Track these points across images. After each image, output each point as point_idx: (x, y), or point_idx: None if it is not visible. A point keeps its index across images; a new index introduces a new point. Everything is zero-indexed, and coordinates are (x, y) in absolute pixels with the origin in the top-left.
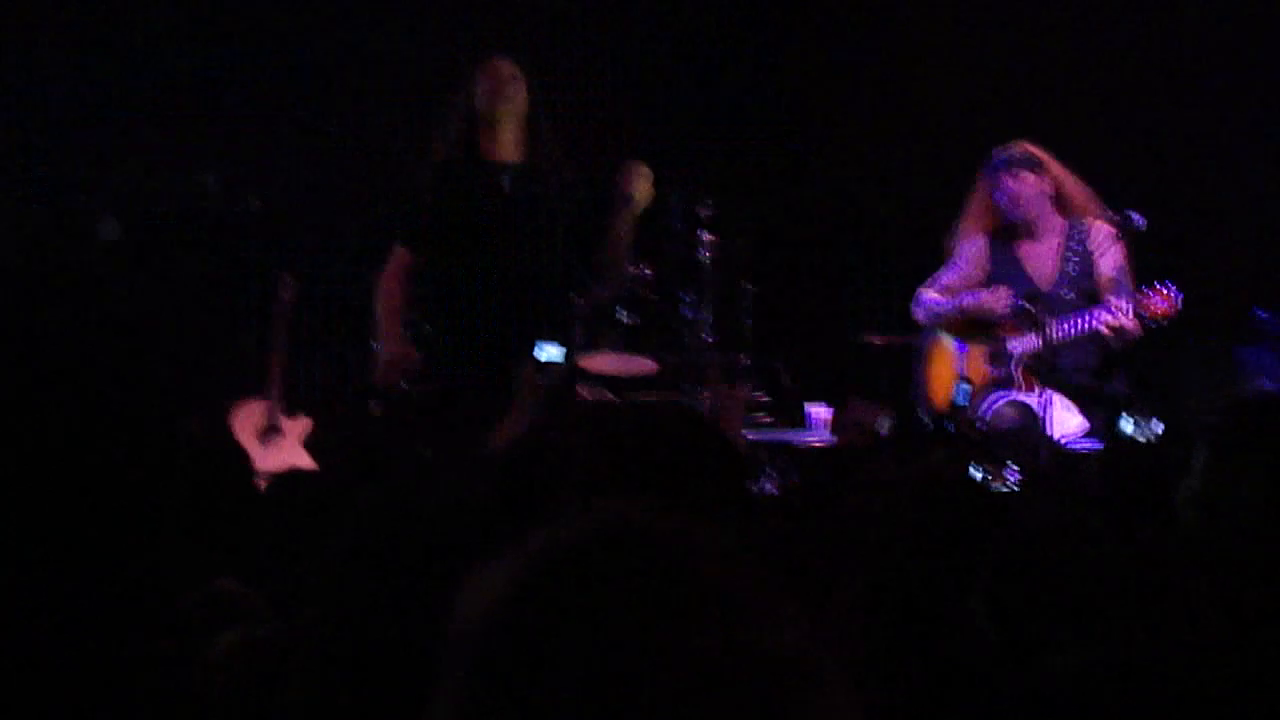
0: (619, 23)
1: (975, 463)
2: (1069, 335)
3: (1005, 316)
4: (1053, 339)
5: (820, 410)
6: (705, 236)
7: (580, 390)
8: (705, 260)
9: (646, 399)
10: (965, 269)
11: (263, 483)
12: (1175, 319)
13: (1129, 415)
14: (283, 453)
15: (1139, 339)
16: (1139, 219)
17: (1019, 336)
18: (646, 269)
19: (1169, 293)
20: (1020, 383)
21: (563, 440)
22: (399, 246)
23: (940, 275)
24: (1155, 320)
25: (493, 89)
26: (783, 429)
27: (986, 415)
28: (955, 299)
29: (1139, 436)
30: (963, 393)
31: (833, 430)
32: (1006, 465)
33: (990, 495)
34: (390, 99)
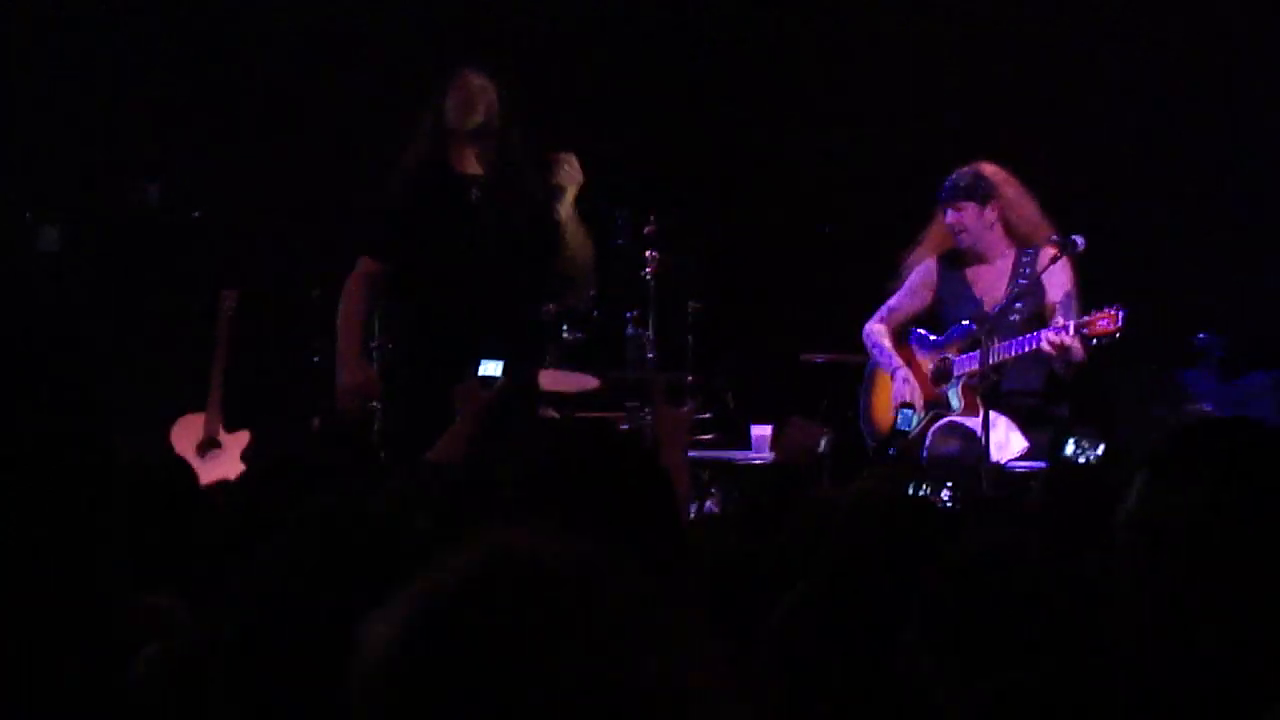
0: (563, 37)
1: (913, 483)
2: (1009, 355)
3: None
4: (992, 360)
5: (761, 429)
6: (649, 254)
7: (535, 407)
8: (649, 278)
9: (580, 417)
10: (912, 293)
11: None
12: (1118, 338)
13: (1071, 437)
14: (222, 466)
15: (1084, 364)
16: (1079, 240)
17: (965, 355)
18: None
19: (1112, 312)
20: (963, 402)
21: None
22: (363, 258)
23: (889, 300)
24: (1097, 338)
25: (462, 102)
26: (725, 448)
27: (928, 439)
28: (886, 358)
29: (1080, 459)
30: (905, 419)
31: (772, 448)
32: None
33: (926, 516)
34: (337, 111)
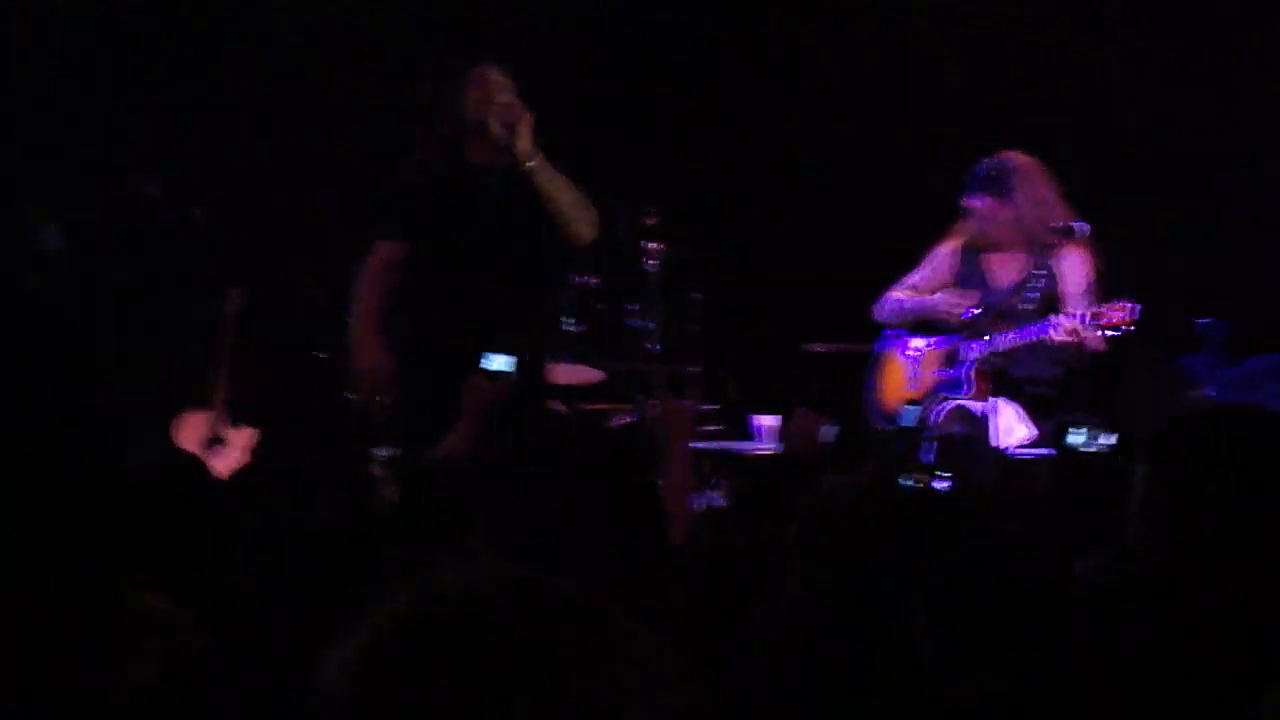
0: (562, 31)
1: (910, 473)
2: (1017, 342)
3: (958, 322)
4: (999, 347)
5: (766, 420)
6: (651, 245)
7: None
8: (651, 269)
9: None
10: (933, 271)
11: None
12: (1131, 330)
13: (1078, 427)
14: (227, 464)
15: (1099, 353)
16: (1082, 227)
17: (974, 340)
18: (592, 278)
19: (1126, 304)
20: (973, 386)
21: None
22: (381, 243)
23: (910, 275)
24: (1111, 329)
25: (483, 96)
26: (730, 439)
27: (934, 421)
28: (919, 300)
29: (1088, 449)
30: (909, 415)
31: (778, 439)
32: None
33: (926, 507)
34: (339, 108)
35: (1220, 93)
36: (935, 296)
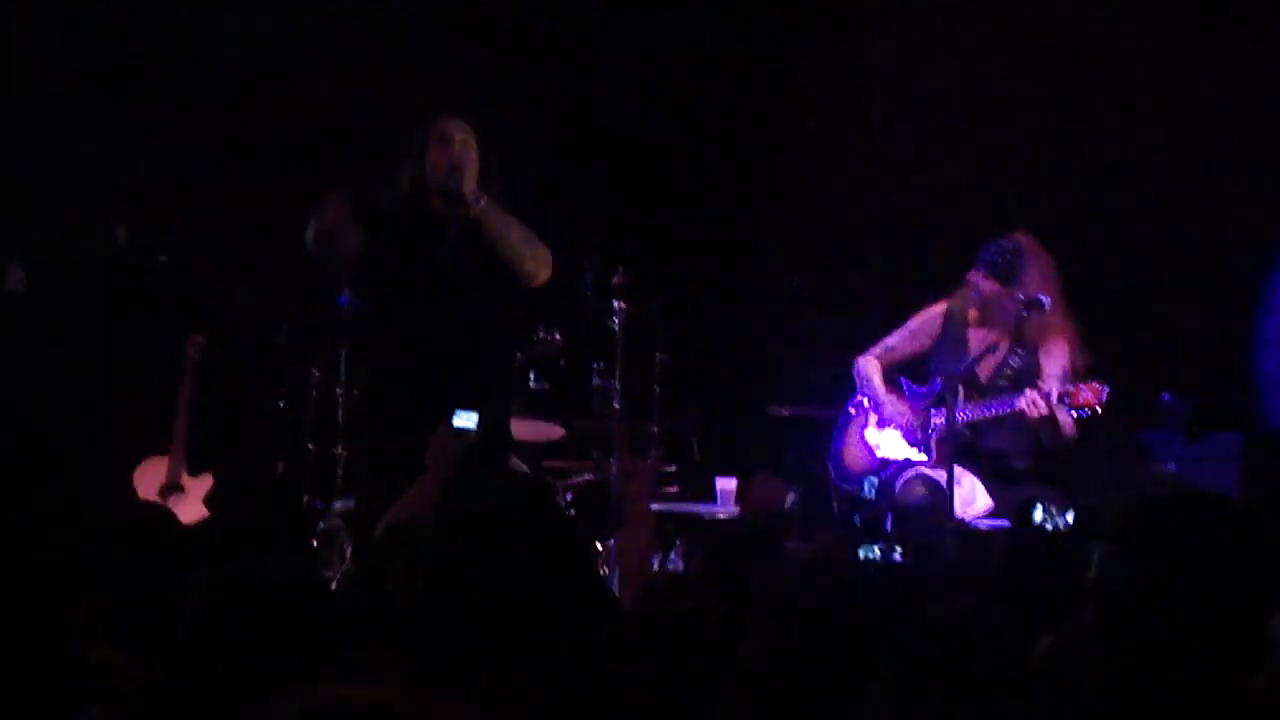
0: (530, 88)
1: (868, 542)
2: (985, 415)
3: (906, 425)
4: (967, 418)
5: (727, 482)
6: (617, 305)
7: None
8: (616, 328)
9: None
10: (912, 336)
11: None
12: (1099, 411)
13: (1039, 503)
14: (184, 510)
15: (1072, 436)
16: (1046, 299)
17: (940, 409)
18: (557, 334)
19: (1096, 385)
20: (935, 455)
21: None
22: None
23: (889, 335)
24: (1079, 409)
25: (445, 158)
26: (690, 500)
27: (896, 489)
28: (875, 387)
29: (1048, 525)
30: (870, 486)
31: (737, 502)
32: (901, 544)
33: (881, 579)
34: (304, 156)
35: (1185, 167)
36: (885, 397)
